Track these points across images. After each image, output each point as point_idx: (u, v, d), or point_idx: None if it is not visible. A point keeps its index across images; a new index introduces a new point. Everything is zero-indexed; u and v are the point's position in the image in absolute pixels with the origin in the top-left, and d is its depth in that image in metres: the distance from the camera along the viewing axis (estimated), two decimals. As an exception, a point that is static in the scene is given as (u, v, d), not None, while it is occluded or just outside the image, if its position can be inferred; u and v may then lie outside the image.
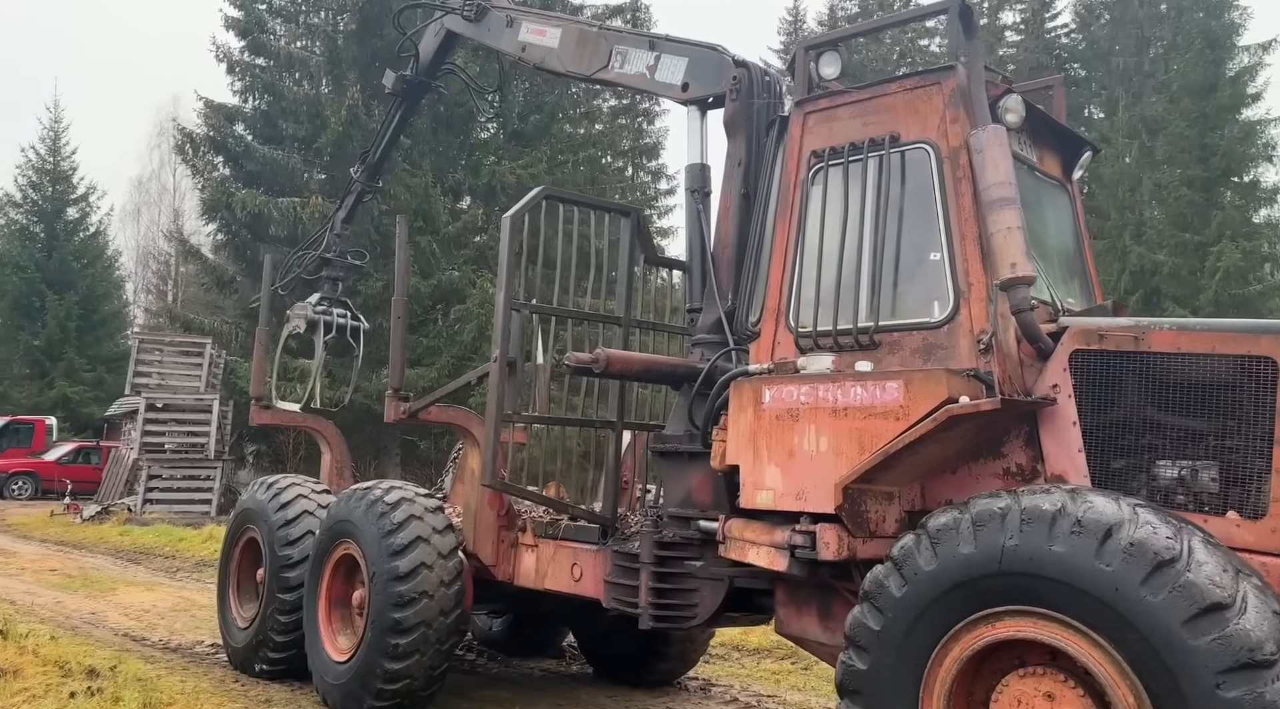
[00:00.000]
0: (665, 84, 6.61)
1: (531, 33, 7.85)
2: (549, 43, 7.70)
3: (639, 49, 6.85)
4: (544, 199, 6.54)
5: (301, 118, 21.95)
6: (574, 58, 7.42)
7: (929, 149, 4.83)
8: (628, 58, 6.95)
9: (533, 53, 7.85)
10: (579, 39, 7.40)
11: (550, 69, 7.86)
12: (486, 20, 8.34)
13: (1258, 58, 29.28)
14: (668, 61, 6.63)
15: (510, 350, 6.31)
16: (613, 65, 7.06)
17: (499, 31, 8.20)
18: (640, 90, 7.35)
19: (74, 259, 37.74)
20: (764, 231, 5.65)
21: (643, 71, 6.77)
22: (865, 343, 4.85)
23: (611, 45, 7.10)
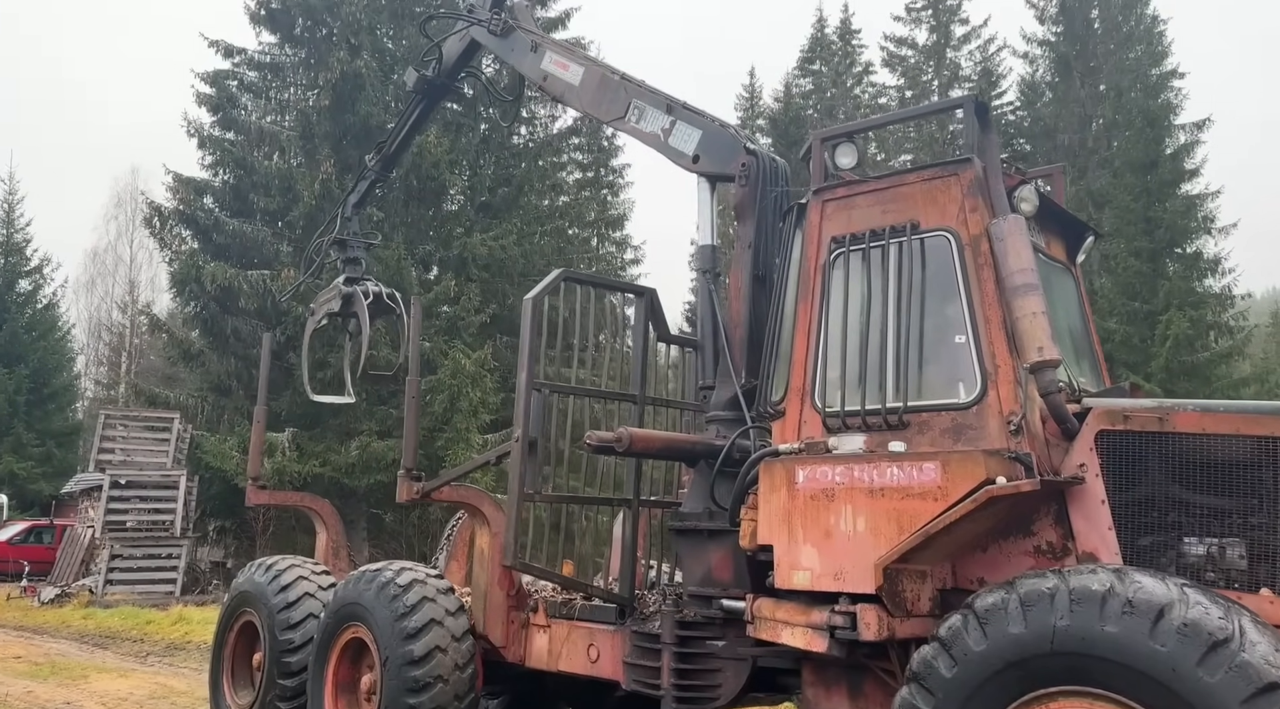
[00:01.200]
0: (677, 151, 6.80)
1: (555, 64, 7.95)
2: (570, 79, 7.80)
3: (656, 109, 7.02)
4: (562, 280, 6.64)
5: (273, 191, 21.99)
6: (593, 101, 7.57)
7: (949, 237, 5.04)
8: (645, 115, 7.12)
9: (554, 84, 7.95)
10: (600, 83, 7.52)
11: (568, 105, 8.10)
12: (511, 39, 8.39)
13: (1193, 135, 30.83)
14: (682, 129, 6.82)
15: (531, 430, 6.33)
16: (630, 118, 7.23)
17: (522, 54, 8.27)
18: (653, 149, 7.25)
19: (25, 332, 36.97)
20: (782, 312, 5.80)
21: (657, 133, 6.96)
22: (894, 423, 4.98)
23: (631, 98, 7.25)
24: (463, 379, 22.10)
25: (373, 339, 10.01)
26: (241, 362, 21.91)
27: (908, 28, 38.03)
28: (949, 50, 37.44)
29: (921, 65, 38.19)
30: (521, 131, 30.69)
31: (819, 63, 43.01)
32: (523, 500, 6.26)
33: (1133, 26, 32.63)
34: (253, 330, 21.75)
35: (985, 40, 36.63)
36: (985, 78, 37.25)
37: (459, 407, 22.27)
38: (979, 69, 37.29)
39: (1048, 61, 34.83)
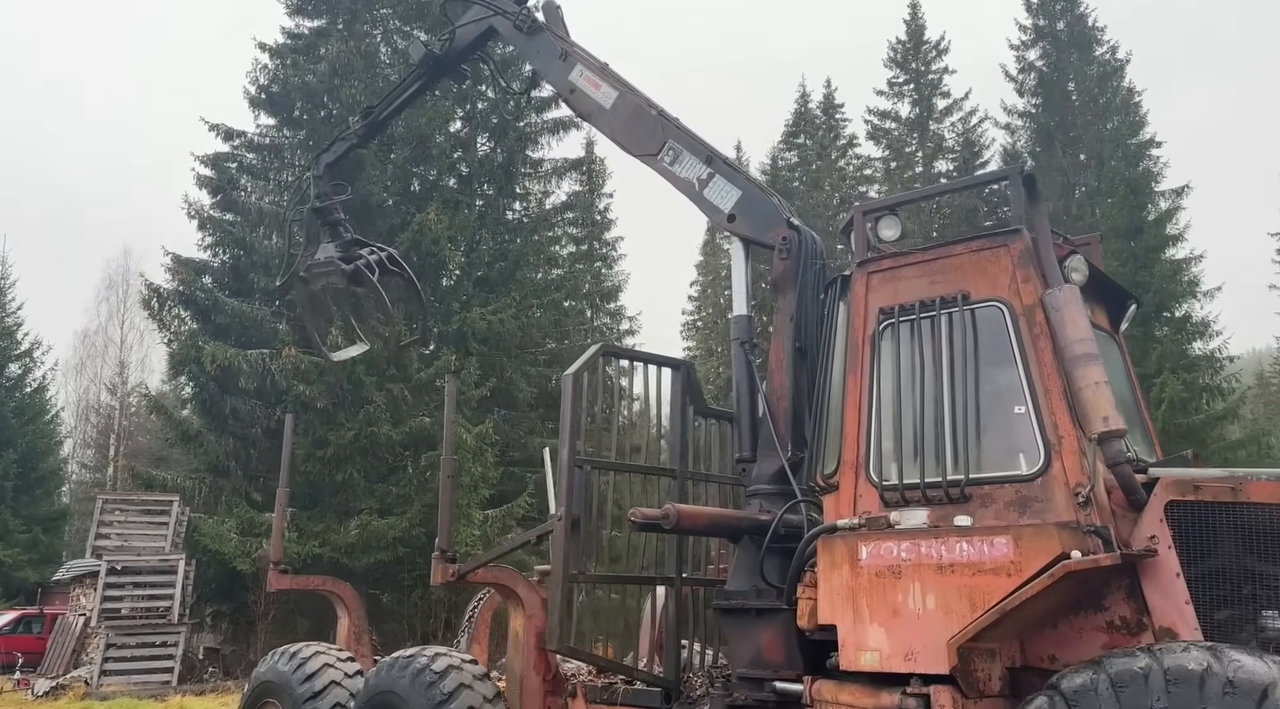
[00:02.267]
0: (712, 206, 6.79)
1: (585, 80, 7.70)
2: (600, 99, 7.57)
3: (695, 157, 6.96)
4: (601, 355, 6.60)
5: (273, 270, 21.99)
6: (625, 130, 7.39)
7: (1002, 307, 5.05)
8: (680, 158, 7.02)
9: (581, 101, 7.70)
10: (635, 113, 7.37)
11: (593, 125, 7.76)
12: (538, 40, 8.14)
13: (1173, 202, 31.48)
14: (721, 184, 6.79)
15: (574, 508, 6.21)
16: (663, 157, 7.11)
17: (549, 58, 8.01)
18: (683, 195, 7.09)
19: (14, 416, 36.52)
20: (829, 384, 5.76)
21: (692, 181, 6.90)
22: (956, 496, 4.91)
23: (668, 137, 7.14)
24: (464, 454, 21.83)
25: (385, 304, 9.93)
26: (240, 442, 21.67)
27: (890, 102, 38.94)
28: (931, 122, 38.26)
29: (905, 137, 38.97)
30: (515, 207, 30.99)
31: (803, 136, 43.86)
32: (568, 581, 6.11)
33: (1109, 98, 33.51)
34: (251, 410, 21.57)
35: (967, 113, 37.51)
36: (968, 148, 38.03)
37: (460, 482, 21.97)
38: (961, 140, 38.07)
39: (1028, 132, 35.63)
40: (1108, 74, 33.81)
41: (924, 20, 38.48)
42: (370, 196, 22.14)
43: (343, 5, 24.55)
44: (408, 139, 23.95)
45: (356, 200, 22.59)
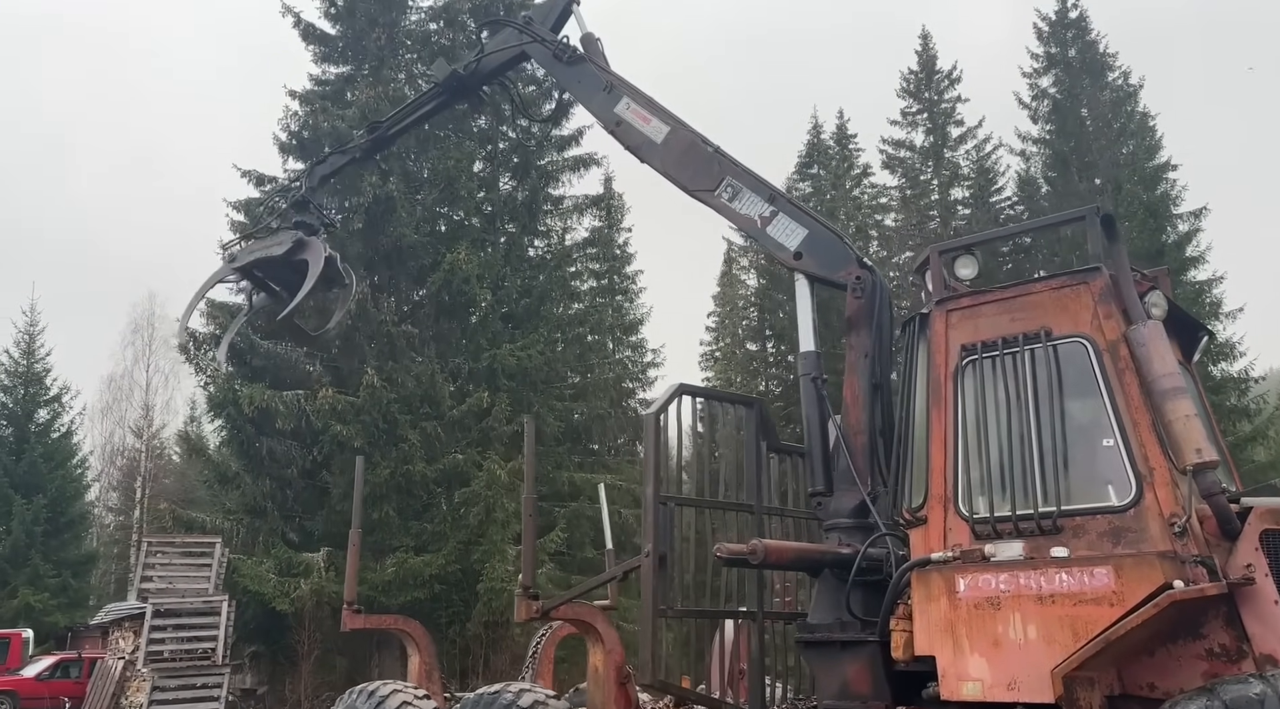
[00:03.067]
0: (777, 243, 6.93)
1: (634, 114, 7.68)
2: (650, 134, 7.58)
3: (756, 195, 7.09)
4: (679, 395, 6.76)
5: (308, 313, 22.29)
6: (678, 164, 7.44)
7: (1085, 343, 5.21)
8: (740, 195, 7.13)
9: (629, 133, 7.68)
10: (689, 149, 7.43)
11: (644, 160, 7.68)
12: (579, 70, 8.08)
13: (1192, 224, 31.64)
14: (785, 222, 6.94)
15: (660, 544, 6.34)
16: (720, 194, 7.21)
17: (591, 90, 7.96)
18: (744, 231, 7.27)
19: (43, 461, 36.85)
20: (910, 420, 5.91)
21: (754, 218, 7.03)
22: (1048, 528, 5.04)
23: (725, 174, 7.24)
24: (497, 490, 22.03)
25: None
26: (276, 482, 21.87)
27: (904, 131, 39.30)
28: (946, 150, 38.57)
29: (920, 166, 39.29)
30: (537, 244, 31.36)
31: (817, 166, 44.17)
32: (657, 616, 6.23)
33: (1124, 123, 33.79)
34: (287, 451, 21.78)
35: (981, 140, 37.81)
36: (983, 175, 38.31)
37: (494, 518, 22.13)
38: (976, 167, 38.35)
39: (1043, 158, 35.90)
40: (1121, 99, 34.12)
41: (935, 50, 38.96)
42: (402, 238, 22.48)
43: (369, 52, 25.05)
44: (435, 181, 24.33)
45: (388, 242, 23.05)
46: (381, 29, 24.54)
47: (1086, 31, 34.86)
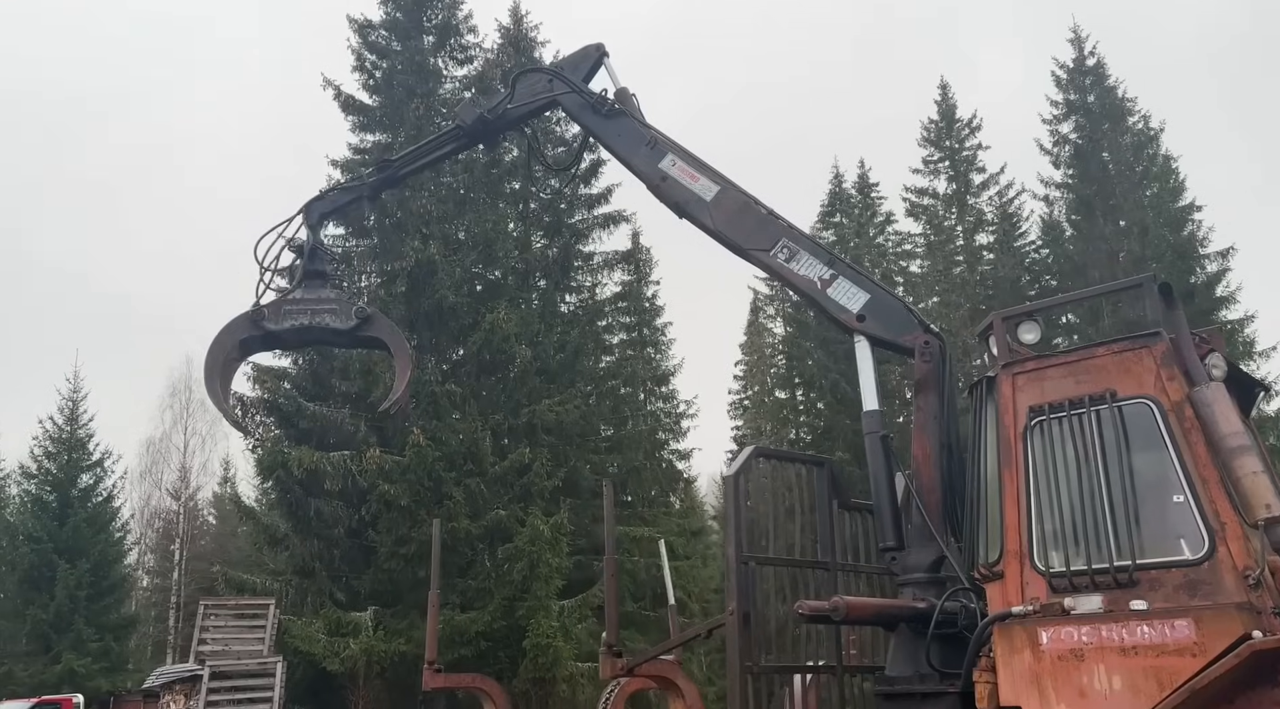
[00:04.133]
0: (838, 305, 7.23)
1: (681, 171, 7.74)
2: (700, 192, 7.64)
3: (815, 258, 7.38)
4: (756, 457, 7.07)
5: (353, 375, 22.87)
6: (731, 223, 7.60)
7: (1150, 404, 5.51)
8: (798, 258, 7.38)
9: (675, 190, 7.72)
10: (742, 209, 7.61)
11: (690, 216, 7.75)
12: (619, 124, 8.02)
13: (1220, 264, 31.83)
14: (846, 286, 7.27)
15: (744, 603, 6.60)
16: (777, 255, 7.43)
17: (633, 145, 7.94)
18: (803, 292, 7.34)
19: (86, 525, 37.40)
20: (982, 478, 6.20)
21: (814, 280, 7.31)
22: (1124, 581, 5.30)
23: (781, 236, 7.47)
24: (541, 545, 22.24)
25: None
26: (324, 543, 22.21)
27: (927, 179, 39.79)
28: (969, 197, 39.01)
29: (944, 212, 39.72)
30: (570, 299, 31.94)
31: (840, 215, 44.70)
32: (744, 673, 6.48)
33: (1146, 166, 34.15)
34: (334, 512, 22.15)
35: (1004, 186, 38.21)
36: (1006, 221, 38.66)
37: (538, 573, 22.30)
38: (999, 213, 38.72)
39: (1067, 202, 36.24)
40: (1142, 143, 34.53)
41: (955, 100, 39.61)
42: (443, 300, 23.06)
43: (407, 121, 25.90)
44: (474, 244, 24.98)
45: (430, 304, 23.62)
46: (419, 99, 25.39)
47: (1105, 78, 35.42)
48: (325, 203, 8.89)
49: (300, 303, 8.26)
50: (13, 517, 39.87)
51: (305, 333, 8.37)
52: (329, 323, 8.26)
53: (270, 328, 8.10)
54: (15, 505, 40.36)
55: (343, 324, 8.27)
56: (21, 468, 39.19)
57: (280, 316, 8.14)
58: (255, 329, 8.17)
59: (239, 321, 8.22)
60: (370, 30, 26.95)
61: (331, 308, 8.30)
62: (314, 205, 8.76)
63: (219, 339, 8.11)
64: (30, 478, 38.45)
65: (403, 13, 27.02)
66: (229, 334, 8.20)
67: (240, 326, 8.24)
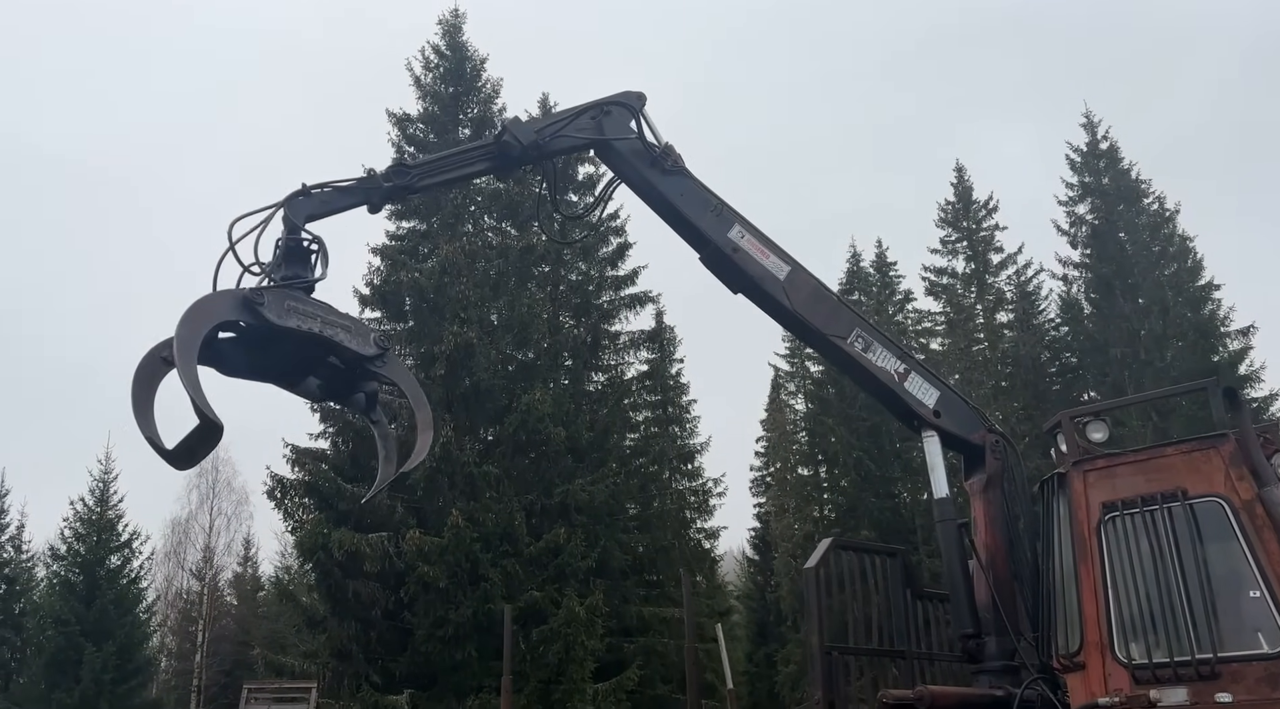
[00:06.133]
0: (916, 399, 7.56)
1: (751, 246, 7.69)
2: (771, 269, 7.63)
3: (888, 351, 7.68)
4: (834, 550, 7.38)
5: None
6: (807, 306, 7.67)
7: (1222, 503, 5.85)
8: (873, 349, 7.63)
9: (748, 263, 7.63)
10: (815, 294, 7.74)
11: (764, 295, 7.67)
12: (679, 182, 7.73)
13: (1242, 342, 32.16)
14: (918, 381, 7.61)
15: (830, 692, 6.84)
16: (853, 343, 7.64)
17: (698, 209, 7.70)
18: (879, 385, 7.49)
19: (113, 607, 37.42)
20: (1055, 570, 6.50)
21: (891, 372, 7.60)
22: (1206, 673, 5.56)
23: (856, 326, 7.72)
24: (576, 627, 22.28)
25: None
26: (361, 625, 22.30)
27: (945, 259, 40.44)
28: (988, 276, 39.60)
29: (963, 291, 40.28)
30: (598, 378, 32.43)
31: (858, 293, 45.26)
32: (832, 760, 6.70)
33: (1163, 246, 34.74)
34: (371, 593, 22.29)
35: (1022, 266, 38.80)
36: (1025, 300, 39.16)
37: (573, 655, 22.29)
38: (1018, 292, 39.24)
39: (1085, 281, 36.78)
40: (1158, 223, 35.18)
41: (971, 182, 40.47)
42: (480, 382, 23.57)
43: (443, 208, 26.76)
44: (509, 326, 25.58)
45: (467, 386, 24.10)
46: (457, 191, 26.26)
47: (1118, 161, 36.29)
48: (314, 202, 6.78)
49: (308, 303, 6.32)
50: (40, 599, 39.93)
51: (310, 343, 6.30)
52: (344, 340, 6.39)
53: (271, 318, 6.06)
54: (43, 588, 40.45)
55: (361, 348, 6.47)
56: (51, 550, 39.44)
57: (283, 310, 6.14)
58: (247, 313, 6.04)
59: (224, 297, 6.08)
60: (409, 123, 28.04)
61: (347, 325, 6.49)
62: (299, 203, 6.66)
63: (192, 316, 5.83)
64: (59, 560, 38.62)
65: (440, 107, 28.13)
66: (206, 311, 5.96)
67: (225, 304, 6.07)
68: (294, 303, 6.31)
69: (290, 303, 6.28)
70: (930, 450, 7.58)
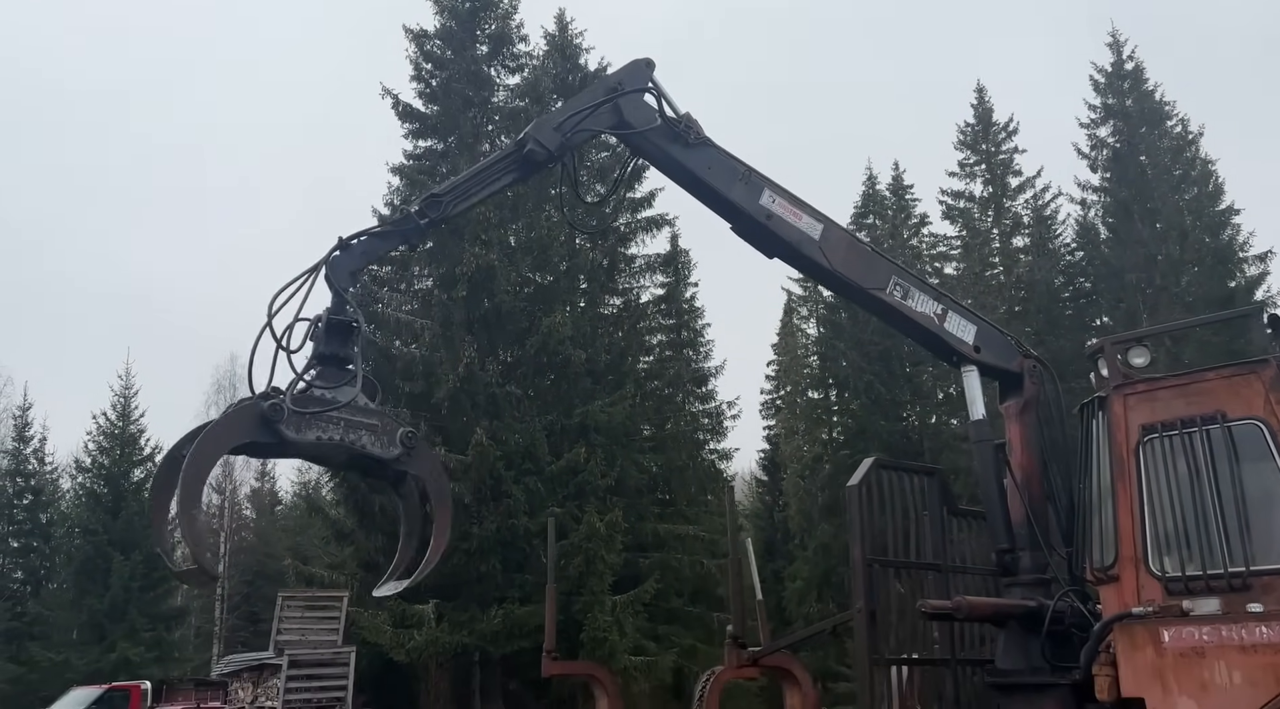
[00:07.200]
0: (957, 338, 7.70)
1: (783, 208, 7.57)
2: (806, 230, 7.54)
3: (925, 295, 7.75)
4: (875, 469, 7.64)
5: (416, 376, 23.60)
6: (845, 262, 7.64)
7: (1260, 425, 6.06)
8: (911, 295, 7.67)
9: (783, 227, 7.54)
10: (850, 247, 7.75)
11: (803, 257, 7.65)
12: (704, 154, 7.53)
13: (1259, 268, 32.11)
14: (956, 319, 7.75)
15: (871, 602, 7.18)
16: (893, 292, 7.65)
17: (728, 180, 7.51)
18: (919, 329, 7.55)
19: (139, 518, 38.35)
20: (1091, 489, 6.76)
21: (930, 315, 7.69)
22: (1238, 585, 5.85)
23: (891, 273, 7.74)
24: (597, 542, 22.93)
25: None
26: (388, 538, 22.93)
27: (963, 182, 40.11)
28: (1005, 200, 39.33)
29: (980, 215, 40.06)
30: (614, 302, 32.58)
31: (873, 216, 45.00)
32: (872, 663, 7.07)
33: (1185, 170, 34.39)
34: (396, 507, 22.85)
35: (1040, 189, 38.51)
36: (1042, 224, 38.97)
37: (593, 569, 22.98)
38: (1035, 216, 39.02)
39: (1104, 205, 36.53)
40: (1180, 146, 34.77)
41: (991, 103, 39.88)
42: (502, 304, 23.77)
43: (461, 127, 26.57)
44: (530, 249, 25.66)
45: (489, 308, 24.31)
46: (476, 108, 26.08)
47: (1143, 82, 35.68)
48: (354, 257, 6.53)
49: (330, 407, 6.04)
50: (67, 509, 40.95)
51: (330, 450, 6.17)
52: (366, 445, 6.20)
53: (289, 435, 5.90)
54: (69, 499, 41.43)
55: (383, 451, 6.27)
56: (76, 462, 40.29)
57: (302, 423, 5.93)
58: (265, 433, 5.91)
59: (242, 418, 5.97)
60: (426, 40, 27.64)
61: (372, 424, 6.23)
62: (340, 262, 6.39)
63: (206, 443, 5.79)
64: (84, 472, 39.51)
65: (458, 23, 27.69)
66: (224, 435, 5.94)
67: (243, 426, 5.94)
68: (316, 408, 6.01)
69: (311, 410, 5.98)
70: (970, 384, 7.71)
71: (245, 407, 5.96)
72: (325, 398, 6.05)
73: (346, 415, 6.10)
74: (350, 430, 6.11)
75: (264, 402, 5.86)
